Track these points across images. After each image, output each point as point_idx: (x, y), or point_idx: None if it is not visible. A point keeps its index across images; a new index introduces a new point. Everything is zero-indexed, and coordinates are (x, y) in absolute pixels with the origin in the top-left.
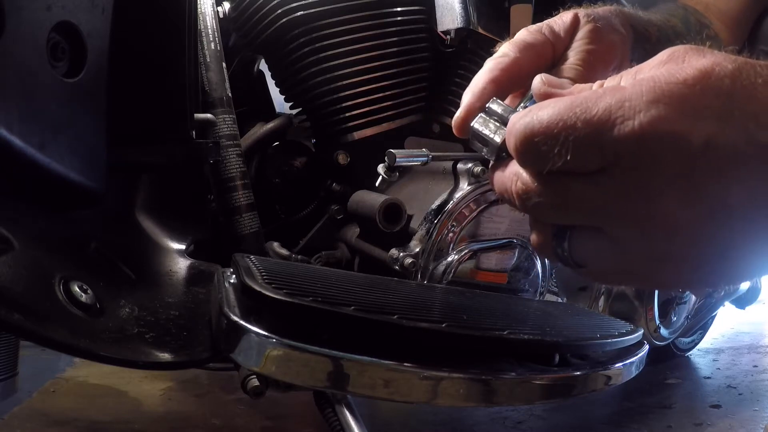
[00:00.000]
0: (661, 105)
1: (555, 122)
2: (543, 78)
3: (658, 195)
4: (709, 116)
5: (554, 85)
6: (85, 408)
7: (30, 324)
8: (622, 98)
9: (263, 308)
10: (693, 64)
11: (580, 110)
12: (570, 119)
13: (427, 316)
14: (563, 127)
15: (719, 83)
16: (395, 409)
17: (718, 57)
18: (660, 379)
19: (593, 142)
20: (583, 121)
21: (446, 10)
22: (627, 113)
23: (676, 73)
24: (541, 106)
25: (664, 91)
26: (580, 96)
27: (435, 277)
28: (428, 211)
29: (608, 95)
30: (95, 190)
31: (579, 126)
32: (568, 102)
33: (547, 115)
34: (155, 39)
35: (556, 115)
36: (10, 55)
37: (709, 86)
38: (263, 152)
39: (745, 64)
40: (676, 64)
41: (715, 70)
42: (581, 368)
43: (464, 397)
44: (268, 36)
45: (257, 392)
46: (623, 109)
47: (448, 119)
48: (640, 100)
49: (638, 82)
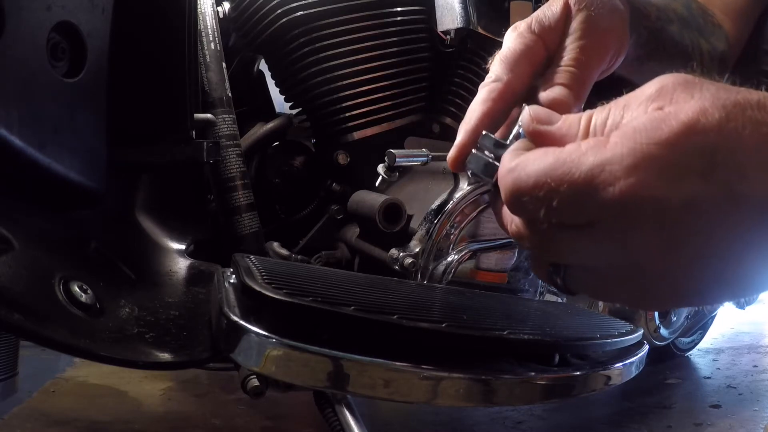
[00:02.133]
0: (641, 171)
1: (540, 182)
2: (531, 113)
3: (640, 248)
4: (689, 176)
5: (542, 121)
6: (85, 408)
7: (30, 324)
8: (603, 161)
9: (263, 308)
10: (678, 115)
11: (563, 171)
12: (554, 180)
13: (427, 316)
14: (548, 189)
15: (703, 140)
16: (395, 409)
17: (706, 100)
18: (660, 379)
19: (576, 204)
20: (567, 183)
21: (446, 10)
22: (608, 178)
23: (658, 128)
24: (527, 161)
25: (645, 155)
26: (564, 154)
27: (435, 277)
28: (428, 211)
29: (591, 155)
30: (95, 190)
31: (563, 189)
32: (552, 161)
33: (534, 174)
34: (155, 39)
35: (541, 174)
36: (10, 55)
37: (692, 144)
38: (263, 152)
39: (735, 108)
40: (662, 107)
41: (700, 123)
42: (581, 368)
43: (464, 397)
44: (268, 36)
45: (257, 392)
46: (604, 174)
47: (448, 119)
48: (620, 165)
49: (621, 139)
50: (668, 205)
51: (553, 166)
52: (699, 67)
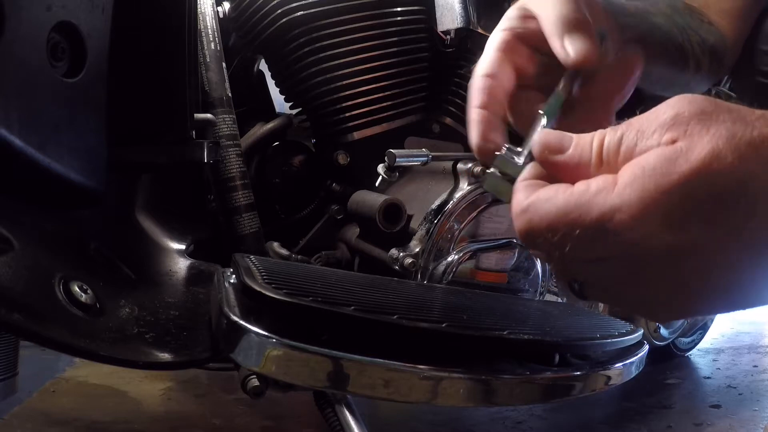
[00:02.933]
0: (648, 220)
1: (552, 227)
2: (541, 142)
3: (649, 280)
4: (697, 222)
5: (553, 149)
6: (85, 408)
7: (30, 324)
8: (612, 208)
9: (263, 308)
10: (690, 157)
11: (574, 217)
12: (566, 225)
13: (427, 316)
14: (560, 233)
15: (712, 186)
16: (395, 409)
17: (721, 139)
18: (660, 379)
19: (588, 246)
20: (578, 228)
21: (446, 10)
22: (616, 227)
23: (668, 172)
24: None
25: (652, 204)
26: (575, 197)
27: (435, 277)
28: (428, 211)
29: (600, 199)
30: (95, 190)
31: (575, 234)
32: (563, 204)
33: (546, 217)
34: (155, 39)
35: (553, 218)
36: (10, 55)
37: (702, 190)
38: (263, 152)
39: (750, 147)
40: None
41: (712, 167)
42: (581, 368)
43: (464, 397)
44: (268, 36)
45: (257, 392)
46: (613, 222)
47: (448, 119)
48: (629, 214)
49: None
50: (675, 251)
51: (564, 210)
52: (692, 57)
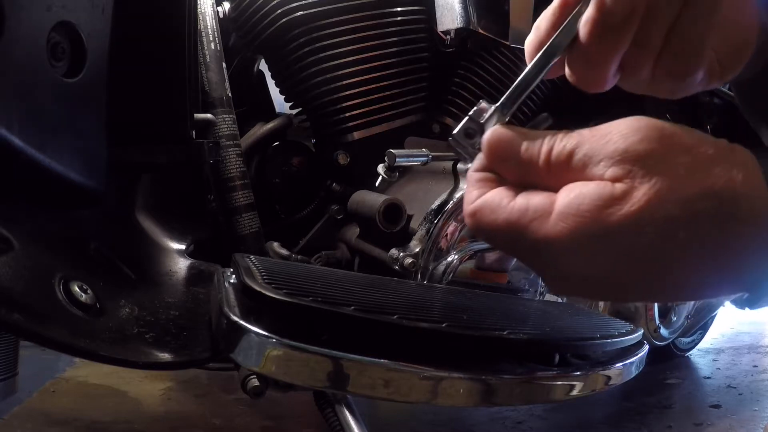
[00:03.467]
0: (575, 258)
1: (496, 235)
2: (489, 143)
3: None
4: (618, 260)
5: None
6: (85, 408)
7: (30, 324)
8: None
9: (263, 308)
10: (624, 206)
11: (514, 235)
12: (506, 238)
13: (427, 316)
14: (502, 240)
15: (639, 235)
16: (395, 409)
17: (661, 191)
18: (660, 379)
19: (523, 258)
20: (517, 244)
21: (446, 10)
22: (547, 256)
23: (603, 217)
24: (484, 209)
25: (583, 243)
26: (515, 216)
27: (435, 277)
28: (428, 211)
29: (536, 225)
30: (95, 190)
31: (514, 246)
32: (504, 220)
33: (490, 225)
34: (155, 39)
35: (496, 229)
36: (10, 55)
37: (629, 239)
38: (263, 152)
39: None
40: (617, 180)
41: (642, 221)
42: (581, 368)
43: (464, 397)
44: (268, 36)
45: (257, 392)
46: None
47: (448, 119)
48: (559, 248)
49: (565, 214)
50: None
51: (504, 227)
52: None
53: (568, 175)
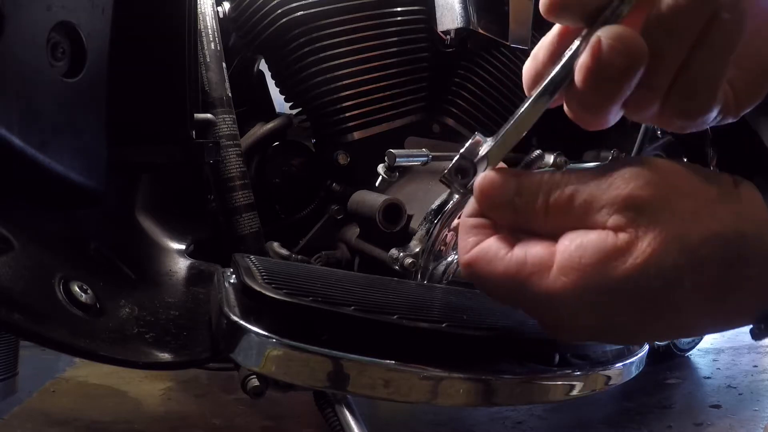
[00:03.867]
0: (578, 315)
1: (494, 288)
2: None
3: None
4: (625, 311)
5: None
6: (85, 408)
7: (30, 324)
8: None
9: (263, 308)
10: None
11: (512, 289)
12: (505, 293)
13: (427, 316)
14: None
15: (645, 287)
16: (395, 409)
17: (663, 242)
18: (660, 379)
19: (522, 309)
20: (516, 298)
21: (446, 10)
22: (547, 314)
23: (606, 271)
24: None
25: (586, 299)
26: (513, 269)
27: (435, 277)
28: (428, 211)
29: (536, 280)
30: (95, 190)
31: (513, 299)
32: (502, 274)
33: (487, 278)
34: (155, 39)
35: (494, 283)
36: (10, 55)
37: (634, 291)
38: (263, 152)
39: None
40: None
41: (648, 272)
42: (581, 368)
43: (464, 397)
44: (268, 36)
45: (257, 392)
46: (545, 308)
47: (448, 119)
48: (561, 305)
49: (567, 268)
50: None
51: (502, 281)
52: None
53: (567, 221)
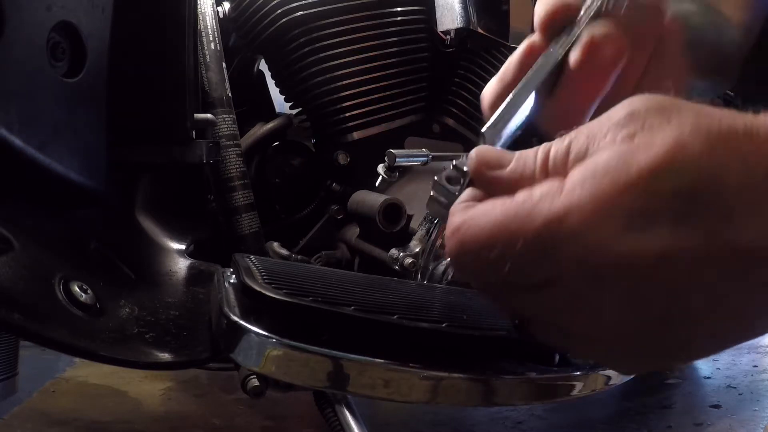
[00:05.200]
0: (605, 222)
1: (489, 240)
2: (477, 157)
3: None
4: (662, 224)
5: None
6: (85, 408)
7: (30, 324)
8: (559, 212)
9: (263, 308)
10: (651, 148)
11: (515, 227)
12: (505, 237)
13: (427, 316)
14: (498, 248)
15: (680, 179)
16: (395, 409)
17: (685, 127)
18: (660, 379)
19: (532, 264)
20: (521, 239)
21: (446, 10)
22: (567, 232)
23: (626, 166)
24: (472, 220)
25: (608, 203)
26: (515, 206)
27: (435, 277)
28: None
29: (546, 204)
30: (95, 190)
31: (516, 248)
32: (501, 216)
33: (480, 232)
34: (155, 39)
35: (489, 231)
36: (10, 55)
37: (666, 185)
38: (263, 152)
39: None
40: (633, 135)
41: (676, 158)
42: (581, 368)
43: (464, 397)
44: (268, 36)
45: (257, 392)
46: (563, 228)
47: (448, 119)
48: (579, 217)
49: (581, 181)
50: (637, 263)
51: (502, 222)
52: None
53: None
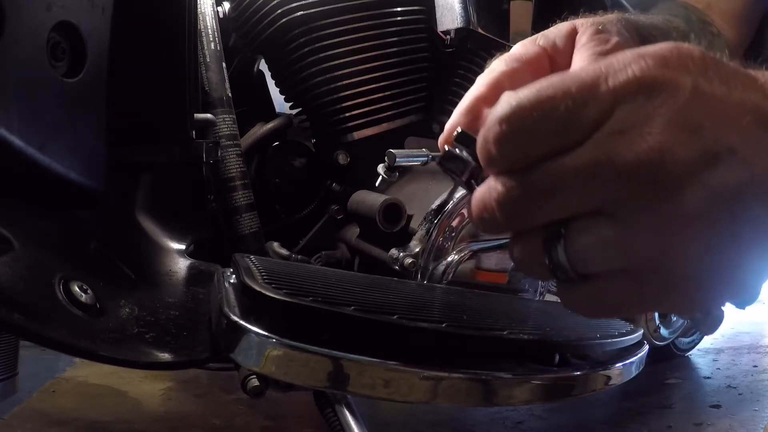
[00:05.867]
0: (648, 58)
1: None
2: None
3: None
4: (689, 71)
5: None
6: (85, 408)
7: (30, 324)
8: (608, 60)
9: (263, 308)
10: (659, 43)
11: (569, 77)
12: (563, 85)
13: (427, 316)
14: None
15: (690, 52)
16: (395, 409)
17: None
18: (660, 379)
19: (589, 99)
20: (576, 83)
21: (446, 10)
22: (618, 67)
23: (648, 46)
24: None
25: (646, 52)
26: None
27: (435, 277)
28: (428, 211)
29: (592, 63)
30: (95, 190)
31: (573, 89)
32: (554, 76)
33: (536, 87)
34: (155, 39)
35: (546, 85)
36: (10, 55)
37: (682, 53)
38: (263, 152)
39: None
40: None
41: (683, 45)
42: (581, 368)
43: (464, 397)
44: (268, 36)
45: (257, 392)
46: (613, 66)
47: (448, 119)
48: (625, 57)
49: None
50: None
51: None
52: None
53: None
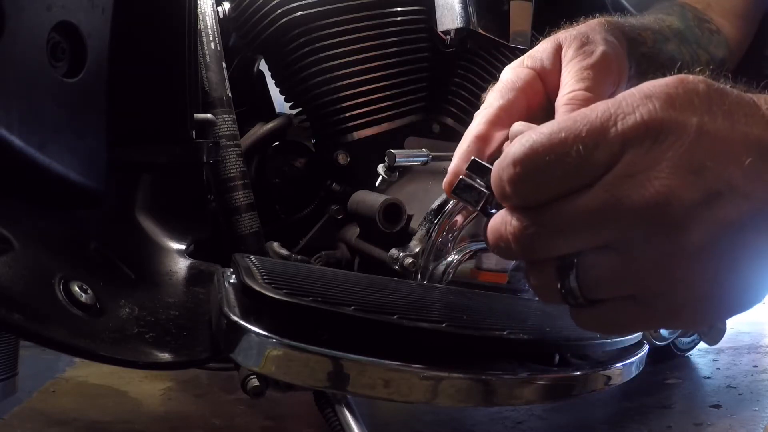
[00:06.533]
0: (654, 99)
1: (558, 136)
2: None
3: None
4: (694, 110)
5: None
6: (85, 408)
7: (30, 324)
8: (616, 100)
9: (263, 308)
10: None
11: (580, 120)
12: (574, 128)
13: (427, 316)
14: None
15: (695, 87)
16: (395, 409)
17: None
18: (660, 379)
19: (599, 143)
20: (586, 127)
21: (446, 10)
22: (627, 110)
23: (654, 82)
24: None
25: (653, 91)
26: (572, 113)
27: (435, 277)
28: (428, 211)
29: (601, 104)
30: (95, 190)
31: (583, 133)
32: (563, 118)
33: (548, 131)
34: (155, 39)
35: (557, 128)
36: (10, 55)
37: (688, 89)
38: (263, 152)
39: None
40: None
41: (688, 78)
42: (581, 368)
43: (464, 397)
44: (268, 36)
45: (257, 392)
46: (622, 108)
47: (448, 119)
48: (634, 99)
49: (626, 91)
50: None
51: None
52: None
53: None
